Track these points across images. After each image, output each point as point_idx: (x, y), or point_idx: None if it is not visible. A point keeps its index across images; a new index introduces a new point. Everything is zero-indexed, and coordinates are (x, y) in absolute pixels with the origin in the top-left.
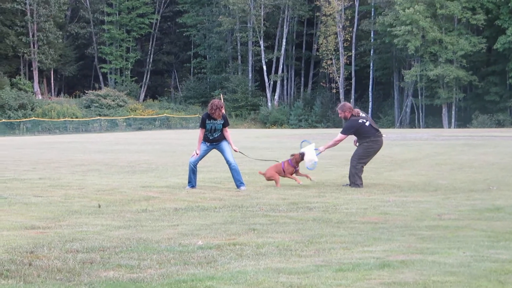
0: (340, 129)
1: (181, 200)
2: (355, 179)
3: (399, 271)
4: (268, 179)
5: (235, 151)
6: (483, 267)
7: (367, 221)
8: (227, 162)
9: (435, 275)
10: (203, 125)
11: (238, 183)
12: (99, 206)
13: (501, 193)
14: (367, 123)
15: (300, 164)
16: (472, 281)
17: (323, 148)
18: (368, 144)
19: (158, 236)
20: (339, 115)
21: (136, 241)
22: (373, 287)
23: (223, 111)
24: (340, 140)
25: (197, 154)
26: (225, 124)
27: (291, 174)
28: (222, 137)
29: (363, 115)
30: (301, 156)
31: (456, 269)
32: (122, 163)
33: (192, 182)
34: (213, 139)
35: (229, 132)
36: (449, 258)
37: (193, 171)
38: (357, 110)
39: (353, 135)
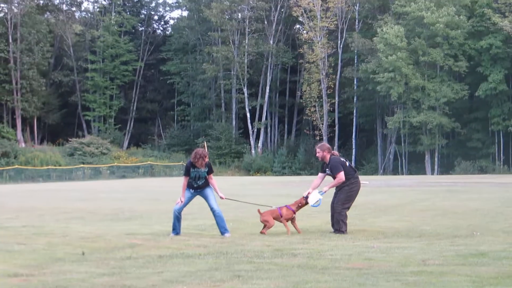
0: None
1: (166, 247)
2: (340, 226)
3: None
4: (262, 221)
5: (222, 198)
6: None
7: (352, 267)
8: (211, 209)
9: None
10: (187, 173)
11: (223, 229)
12: (83, 254)
13: (484, 239)
14: (347, 164)
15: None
16: None
17: (327, 188)
18: (349, 187)
19: (143, 283)
20: (317, 154)
21: None
22: None
23: (207, 160)
24: (342, 179)
25: (181, 201)
26: (209, 172)
27: (287, 221)
28: (206, 184)
29: (341, 157)
30: (305, 200)
31: None
32: (106, 211)
33: (176, 229)
34: (197, 186)
35: (214, 179)
36: None
37: (177, 218)
38: (335, 151)
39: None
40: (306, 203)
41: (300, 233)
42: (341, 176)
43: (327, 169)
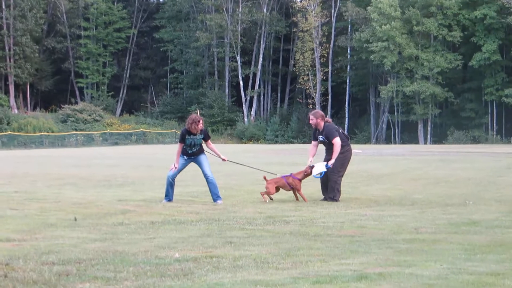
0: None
1: (158, 214)
2: (334, 194)
3: (377, 283)
4: (267, 188)
5: (224, 160)
6: (460, 279)
7: (344, 235)
8: (205, 175)
9: (413, 287)
10: (182, 140)
11: (215, 196)
12: (75, 219)
13: (477, 208)
14: (340, 130)
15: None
16: None
17: (332, 160)
18: (343, 155)
19: (135, 249)
20: (310, 121)
21: (113, 254)
22: None
23: (201, 125)
24: (339, 143)
25: (175, 167)
26: (206, 138)
27: (301, 190)
28: (201, 151)
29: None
30: (311, 169)
31: (434, 281)
32: (99, 177)
33: (169, 196)
34: (192, 153)
35: (212, 145)
36: (427, 271)
37: (170, 184)
38: (328, 118)
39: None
40: (311, 173)
41: (306, 201)
42: (338, 140)
43: (319, 136)
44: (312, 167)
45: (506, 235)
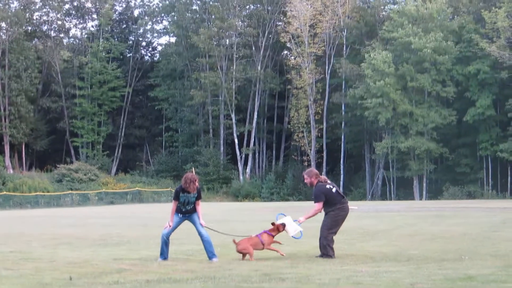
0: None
1: (153, 272)
2: (327, 251)
3: None
4: (240, 251)
5: (202, 225)
6: None
7: None
8: (199, 233)
9: None
10: (176, 197)
11: (210, 254)
12: (71, 279)
13: (473, 263)
14: (333, 190)
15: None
16: None
17: (303, 219)
18: (335, 212)
19: None
20: (305, 181)
21: None
22: None
23: (197, 184)
24: (319, 210)
25: (169, 226)
26: (198, 197)
27: (270, 245)
28: (195, 209)
29: (329, 181)
30: (283, 226)
31: None
32: (94, 237)
33: (164, 254)
34: (186, 211)
35: (201, 205)
36: None
37: (165, 243)
38: (323, 177)
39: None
40: (283, 229)
41: (283, 255)
42: (317, 206)
43: None
44: (284, 224)
45: None
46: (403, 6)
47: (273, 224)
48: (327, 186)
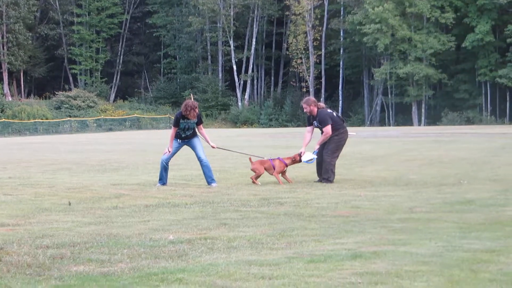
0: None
1: (152, 197)
2: (329, 175)
3: (371, 261)
4: (253, 169)
5: (213, 147)
6: (455, 256)
7: (338, 215)
8: (199, 158)
9: (407, 265)
10: (176, 124)
11: (209, 179)
12: (69, 204)
13: (471, 187)
14: (334, 114)
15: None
16: (444, 270)
17: (317, 146)
18: (338, 137)
19: (129, 232)
20: (304, 110)
21: (107, 237)
22: (345, 277)
23: (197, 111)
24: (329, 133)
25: (169, 151)
26: (199, 123)
27: (278, 173)
28: (194, 134)
29: (326, 107)
30: (299, 156)
31: (428, 259)
32: (93, 162)
33: (163, 180)
34: (185, 136)
35: (204, 130)
36: (421, 249)
37: (164, 168)
38: (321, 104)
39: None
40: (300, 160)
41: (291, 183)
42: (328, 129)
43: (314, 122)
44: (301, 154)
45: (501, 213)
46: None
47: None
48: (329, 111)
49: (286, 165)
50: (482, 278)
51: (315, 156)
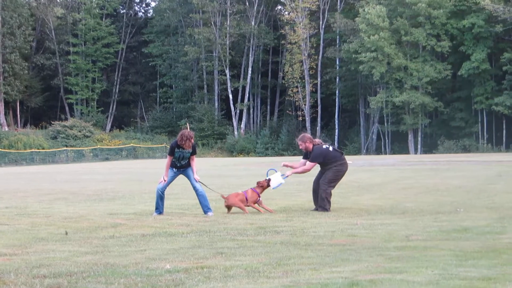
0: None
1: (148, 227)
2: (324, 204)
3: None
4: (228, 206)
5: (197, 180)
6: (452, 284)
7: (335, 244)
8: (194, 188)
9: None
10: (171, 153)
11: (206, 208)
12: (66, 233)
13: (468, 215)
14: (331, 149)
15: (264, 193)
16: None
17: (290, 173)
18: (337, 167)
19: (126, 261)
20: (300, 147)
21: (104, 266)
22: None
23: (193, 141)
24: (309, 169)
25: (164, 180)
26: (193, 153)
27: (254, 203)
28: (189, 164)
29: (323, 142)
30: (268, 182)
31: (425, 287)
32: (89, 192)
33: (159, 209)
34: (181, 166)
35: (195, 160)
36: (418, 277)
37: (160, 197)
38: (318, 140)
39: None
40: (268, 185)
41: (272, 212)
42: (309, 166)
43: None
44: (269, 180)
45: (497, 241)
46: None
47: (258, 183)
48: (324, 147)
49: (258, 194)
50: None
51: (283, 181)
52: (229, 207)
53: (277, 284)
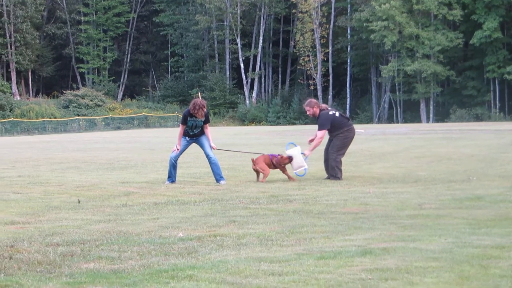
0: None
1: (161, 195)
2: (335, 172)
3: (381, 257)
4: (256, 170)
5: (213, 148)
6: (465, 252)
7: (347, 212)
8: (207, 156)
9: (417, 261)
10: (184, 121)
11: (218, 177)
12: (79, 202)
13: (480, 183)
14: (337, 114)
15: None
16: (454, 266)
17: (308, 152)
18: (343, 134)
19: (139, 229)
20: (307, 113)
21: (117, 234)
22: (355, 274)
23: (205, 109)
24: (322, 138)
25: (177, 149)
26: (206, 121)
27: (284, 168)
28: (202, 132)
29: (330, 108)
30: (289, 159)
31: (438, 255)
32: (101, 161)
33: (172, 177)
34: (193, 134)
35: (209, 129)
36: (431, 245)
37: (173, 166)
38: (324, 105)
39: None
40: (290, 162)
41: (294, 180)
42: (320, 134)
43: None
44: (291, 157)
45: (510, 209)
46: None
47: (278, 155)
48: (331, 113)
49: (273, 164)
50: (492, 273)
51: (306, 166)
52: (257, 172)
53: (290, 252)
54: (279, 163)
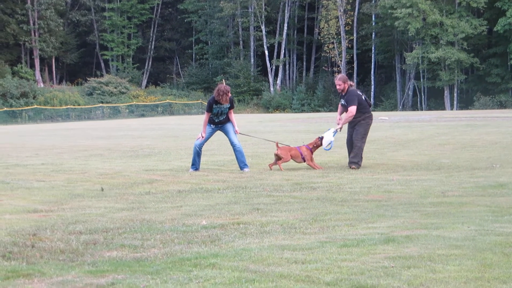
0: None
1: (184, 183)
2: (357, 159)
3: (404, 245)
4: (278, 155)
5: (236, 132)
6: (488, 240)
7: (371, 199)
8: (232, 143)
9: (440, 248)
10: (209, 109)
11: (242, 164)
12: (102, 189)
13: (504, 171)
14: (363, 97)
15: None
16: (477, 253)
17: (339, 126)
18: (365, 121)
19: (162, 217)
20: (338, 87)
21: (140, 222)
22: (378, 261)
23: (230, 95)
24: (353, 113)
25: (202, 136)
26: (231, 107)
27: (311, 160)
28: (227, 119)
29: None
30: (320, 140)
31: (461, 243)
32: (125, 148)
33: (195, 165)
34: (219, 121)
35: (233, 115)
36: (454, 233)
37: (198, 153)
38: (351, 82)
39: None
40: (321, 143)
41: (321, 169)
42: (352, 110)
43: (341, 100)
44: (321, 138)
45: None
46: None
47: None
48: (359, 92)
49: (311, 152)
50: None
51: (333, 140)
52: (278, 157)
53: (313, 240)
54: (314, 145)
